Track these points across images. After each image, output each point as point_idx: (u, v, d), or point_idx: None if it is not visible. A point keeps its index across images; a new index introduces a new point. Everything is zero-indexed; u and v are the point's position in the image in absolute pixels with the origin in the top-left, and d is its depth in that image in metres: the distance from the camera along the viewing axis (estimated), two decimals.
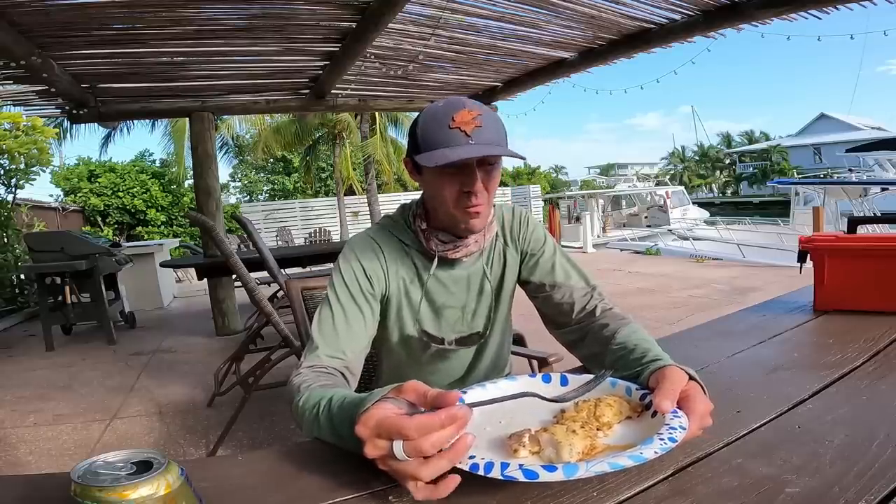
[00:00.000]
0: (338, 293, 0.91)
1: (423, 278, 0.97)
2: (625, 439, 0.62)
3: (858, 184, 11.60)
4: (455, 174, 0.86)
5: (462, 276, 0.99)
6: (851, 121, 30.91)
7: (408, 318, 0.98)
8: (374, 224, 1.03)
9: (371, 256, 0.95)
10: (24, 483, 0.67)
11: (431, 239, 0.94)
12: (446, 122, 0.82)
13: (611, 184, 29.71)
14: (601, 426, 0.63)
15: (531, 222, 1.05)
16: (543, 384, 0.77)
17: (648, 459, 0.53)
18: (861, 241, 1.24)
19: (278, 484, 0.61)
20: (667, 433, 0.57)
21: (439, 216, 0.93)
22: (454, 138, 0.82)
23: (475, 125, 0.82)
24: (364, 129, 13.31)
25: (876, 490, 0.52)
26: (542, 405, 0.71)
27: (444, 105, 0.85)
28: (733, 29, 3.56)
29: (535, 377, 0.79)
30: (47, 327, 4.24)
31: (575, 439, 0.58)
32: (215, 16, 3.13)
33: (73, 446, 2.42)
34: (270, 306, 2.42)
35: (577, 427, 0.61)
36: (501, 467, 0.53)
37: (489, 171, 0.88)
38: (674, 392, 0.64)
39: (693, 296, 4.94)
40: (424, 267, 0.97)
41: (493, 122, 0.85)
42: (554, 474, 0.52)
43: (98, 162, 13.76)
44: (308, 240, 9.86)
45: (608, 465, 0.52)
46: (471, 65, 4.53)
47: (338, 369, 0.84)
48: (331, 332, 0.88)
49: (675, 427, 0.58)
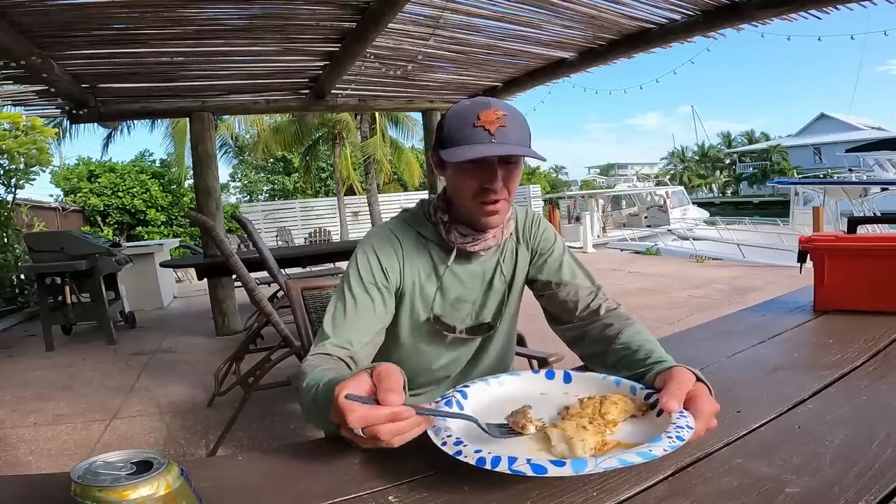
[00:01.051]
0: (352, 284, 0.93)
1: (440, 271, 0.99)
2: (632, 437, 0.62)
3: (858, 184, 11.60)
4: (476, 171, 0.88)
5: (477, 271, 1.01)
6: (851, 121, 30.90)
7: (420, 309, 1.00)
8: (393, 217, 1.05)
9: (388, 249, 0.97)
10: (24, 483, 0.68)
11: (452, 231, 0.97)
12: (471, 120, 0.85)
13: (611, 184, 29.71)
14: (607, 424, 0.63)
15: (543, 223, 1.08)
16: (546, 380, 0.78)
17: (658, 457, 0.53)
18: (861, 241, 1.24)
19: (278, 484, 0.61)
20: (675, 432, 0.57)
21: (460, 210, 0.95)
22: (477, 136, 0.84)
23: (499, 125, 0.84)
24: (364, 129, 13.31)
25: (876, 490, 0.52)
26: (546, 402, 0.72)
27: (472, 104, 0.88)
28: (733, 29, 3.56)
29: (539, 373, 0.79)
30: (47, 327, 4.23)
31: (587, 435, 0.58)
32: (215, 16, 3.13)
33: (73, 446, 2.42)
34: (270, 306, 2.42)
35: (587, 423, 0.61)
36: (509, 462, 0.53)
37: (510, 169, 0.90)
38: (681, 392, 0.64)
39: (693, 296, 4.94)
40: (441, 259, 0.99)
41: (517, 123, 0.87)
42: (563, 469, 0.52)
43: (98, 162, 13.76)
44: (308, 240, 9.86)
45: (618, 461, 0.52)
46: (471, 65, 4.53)
47: (342, 358, 0.86)
48: (340, 322, 0.90)
49: (682, 426, 0.58)
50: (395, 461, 0.63)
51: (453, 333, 1.03)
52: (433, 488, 0.57)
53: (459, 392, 0.74)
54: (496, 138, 0.84)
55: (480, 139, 0.84)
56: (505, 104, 0.89)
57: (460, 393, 0.73)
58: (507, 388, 0.76)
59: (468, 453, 0.55)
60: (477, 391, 0.75)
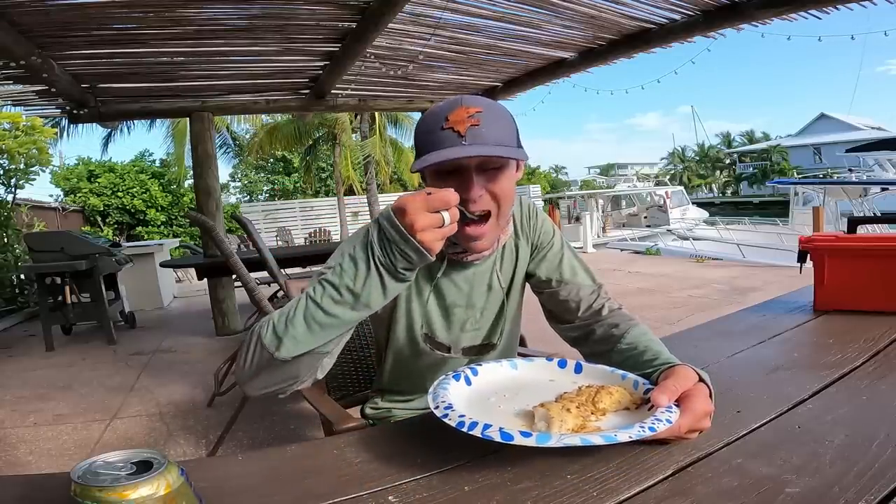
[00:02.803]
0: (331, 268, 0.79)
1: (434, 277, 0.93)
2: (615, 427, 0.62)
3: (858, 184, 11.59)
4: (451, 180, 0.78)
5: (472, 275, 0.95)
6: (851, 121, 30.88)
7: (417, 316, 0.95)
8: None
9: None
10: (24, 483, 0.67)
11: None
12: (440, 123, 0.77)
13: (611, 184, 29.72)
14: (595, 411, 0.65)
15: (539, 214, 1.02)
16: (559, 368, 0.79)
17: (619, 441, 0.56)
18: (861, 241, 1.24)
19: (278, 484, 0.61)
20: (650, 422, 0.59)
21: None
22: (446, 139, 0.76)
23: (470, 123, 0.75)
24: (364, 129, 13.30)
25: (876, 490, 0.52)
26: (547, 384, 0.75)
27: (443, 105, 0.80)
28: (733, 29, 3.56)
29: (552, 361, 0.81)
30: (47, 327, 4.23)
31: (567, 417, 0.61)
32: (215, 16, 3.13)
33: (73, 446, 2.42)
34: (270, 306, 2.42)
35: (573, 407, 0.63)
36: (483, 427, 0.56)
37: (492, 175, 0.80)
38: (675, 388, 0.64)
39: (693, 296, 4.94)
40: (435, 266, 0.92)
41: (495, 120, 0.78)
42: (528, 440, 0.55)
43: (98, 162, 13.77)
44: (308, 240, 9.87)
45: (580, 439, 0.55)
46: (471, 65, 4.53)
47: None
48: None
49: (659, 419, 0.60)
50: (395, 461, 0.63)
51: (447, 353, 0.96)
52: (433, 488, 0.57)
53: (470, 369, 0.77)
54: (467, 139, 0.75)
55: (449, 142, 0.75)
56: (482, 100, 0.80)
57: (471, 370, 0.77)
58: (519, 371, 0.79)
59: (453, 417, 0.59)
60: (488, 370, 0.78)
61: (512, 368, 0.79)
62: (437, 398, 0.65)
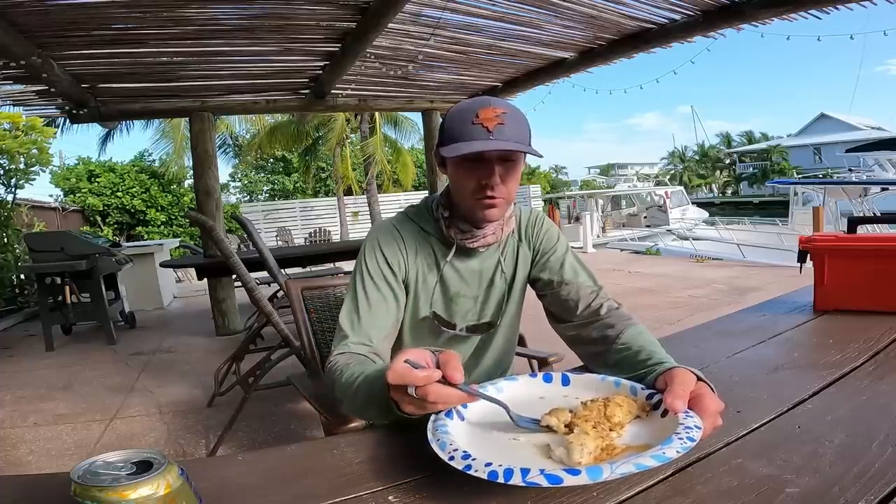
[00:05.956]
0: (363, 281, 0.96)
1: (441, 265, 1.01)
2: (639, 439, 0.61)
3: (858, 184, 11.57)
4: (474, 167, 0.91)
5: (477, 268, 1.03)
6: (851, 121, 30.86)
7: (422, 303, 1.02)
8: (398, 212, 1.08)
9: (391, 243, 1.00)
10: (24, 483, 0.68)
11: (452, 227, 0.99)
12: (470, 117, 0.88)
13: (611, 184, 29.75)
14: (613, 426, 0.62)
15: (546, 223, 1.10)
16: (545, 384, 0.77)
17: (672, 459, 0.53)
18: (861, 241, 1.24)
19: (278, 484, 0.61)
20: (684, 433, 0.57)
21: (460, 206, 0.98)
22: (476, 133, 0.87)
23: (498, 122, 0.87)
24: (364, 129, 13.29)
25: (876, 490, 0.52)
26: (538, 402, 0.72)
27: (473, 102, 0.91)
28: (733, 29, 3.56)
29: (536, 377, 0.79)
30: (47, 327, 4.23)
31: (587, 440, 0.58)
32: (215, 16, 3.13)
33: (73, 446, 2.42)
34: (270, 306, 2.42)
35: (590, 428, 0.60)
36: (522, 474, 0.51)
37: (509, 167, 0.92)
38: (685, 392, 0.64)
39: (693, 296, 4.94)
40: (442, 254, 1.01)
41: (516, 121, 0.89)
42: (578, 478, 0.50)
43: (97, 162, 13.74)
44: (308, 240, 9.87)
45: (634, 465, 0.51)
46: (471, 65, 4.53)
47: (366, 355, 0.88)
48: (356, 321, 0.93)
49: (690, 427, 0.58)
50: (396, 461, 0.64)
51: (453, 330, 1.04)
52: (433, 488, 0.57)
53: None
54: (494, 135, 0.86)
55: (478, 136, 0.87)
56: (506, 103, 0.91)
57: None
58: (506, 393, 0.74)
59: (478, 467, 0.54)
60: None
61: (498, 393, 0.74)
62: (444, 446, 0.58)
